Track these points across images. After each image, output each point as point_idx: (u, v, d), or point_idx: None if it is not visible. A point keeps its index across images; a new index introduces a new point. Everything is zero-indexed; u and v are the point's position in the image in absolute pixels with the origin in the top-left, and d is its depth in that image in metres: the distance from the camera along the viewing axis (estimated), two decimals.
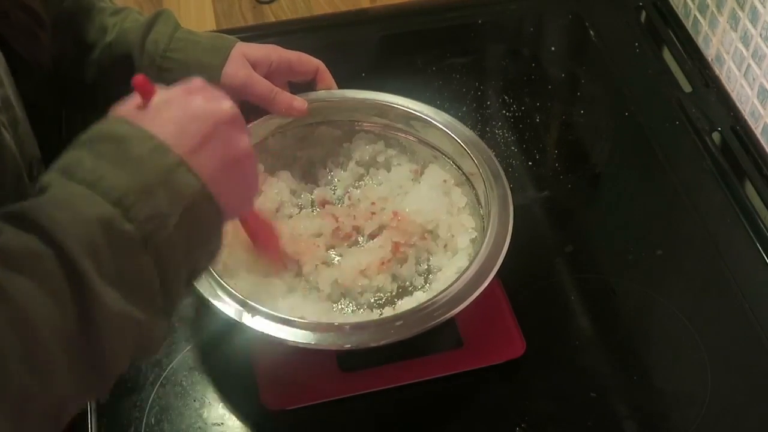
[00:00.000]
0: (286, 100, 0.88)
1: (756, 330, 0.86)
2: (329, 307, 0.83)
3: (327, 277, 0.84)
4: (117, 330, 0.54)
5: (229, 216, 0.63)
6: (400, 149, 0.94)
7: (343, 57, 1.11)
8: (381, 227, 0.89)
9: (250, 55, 0.87)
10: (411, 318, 0.75)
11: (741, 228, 0.95)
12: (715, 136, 1.04)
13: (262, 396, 0.80)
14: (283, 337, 0.74)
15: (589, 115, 1.08)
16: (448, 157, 0.91)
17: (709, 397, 0.81)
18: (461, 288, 0.77)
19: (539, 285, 0.91)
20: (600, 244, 0.96)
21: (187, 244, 0.58)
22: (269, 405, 0.80)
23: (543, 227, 0.97)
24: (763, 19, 0.97)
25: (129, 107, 0.61)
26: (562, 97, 1.12)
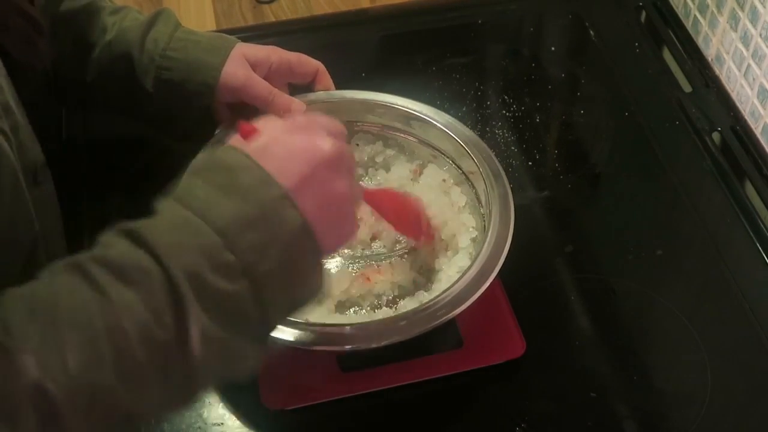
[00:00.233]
0: (285, 102, 0.88)
1: (756, 330, 0.86)
2: (330, 308, 0.83)
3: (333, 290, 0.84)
4: (208, 353, 0.55)
5: (326, 253, 0.63)
6: (398, 149, 0.94)
7: (343, 57, 1.11)
8: (380, 230, 0.89)
9: (250, 55, 0.87)
10: (412, 318, 0.75)
11: (741, 228, 0.95)
12: (715, 136, 1.04)
13: (262, 396, 0.80)
14: (285, 339, 0.74)
15: (589, 115, 1.08)
16: (447, 156, 0.91)
17: (709, 397, 0.81)
18: (463, 288, 0.77)
19: (539, 285, 0.91)
20: (600, 244, 0.96)
21: (286, 278, 0.59)
22: (269, 405, 0.80)
23: (543, 227, 0.97)
24: (763, 19, 0.97)
25: (237, 140, 0.63)
26: (562, 97, 1.12)
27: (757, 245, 0.93)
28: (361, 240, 0.88)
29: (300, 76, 0.91)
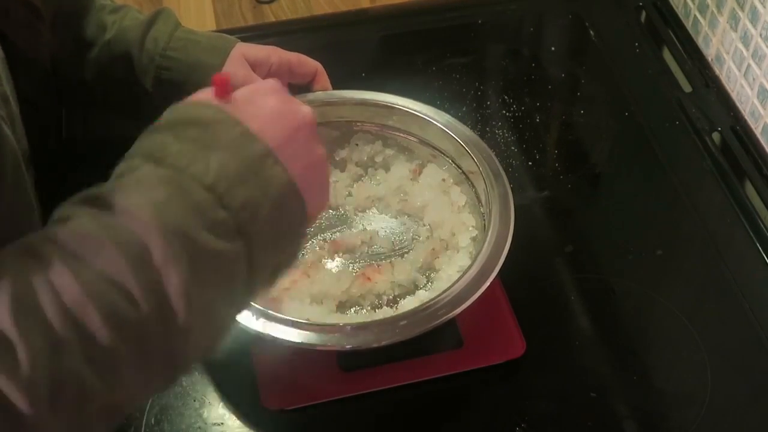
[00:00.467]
0: None
1: (756, 330, 0.86)
2: (331, 308, 0.83)
3: (332, 291, 0.84)
4: (193, 321, 0.51)
5: (309, 217, 0.60)
6: (398, 149, 0.94)
7: (343, 57, 1.11)
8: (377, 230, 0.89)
9: (250, 55, 0.87)
10: (413, 318, 0.75)
11: (741, 228, 0.95)
12: (715, 136, 1.04)
13: (262, 396, 0.80)
14: (285, 338, 0.74)
15: (589, 115, 1.08)
16: (447, 156, 0.91)
17: (709, 397, 0.81)
18: (463, 288, 0.76)
19: (539, 285, 0.90)
20: (600, 244, 0.96)
21: (274, 239, 0.56)
22: (269, 405, 0.80)
23: (543, 227, 0.97)
24: (763, 19, 0.97)
25: (209, 96, 0.58)
26: (562, 97, 1.12)
27: (757, 245, 0.93)
28: (362, 241, 0.88)
29: (300, 76, 0.91)
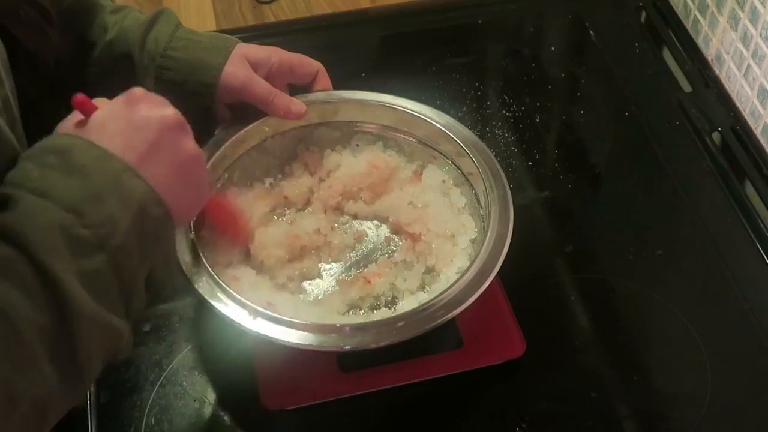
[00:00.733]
0: (285, 104, 0.88)
1: (756, 330, 0.86)
2: (330, 310, 0.83)
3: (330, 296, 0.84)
4: (88, 327, 0.56)
5: (182, 219, 0.65)
6: (398, 150, 0.94)
7: (343, 57, 1.11)
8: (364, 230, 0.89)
9: (251, 56, 0.87)
10: (412, 319, 0.75)
11: (741, 228, 0.95)
12: (715, 136, 1.04)
13: (262, 396, 0.80)
14: (284, 339, 0.74)
15: (589, 115, 1.08)
16: (447, 157, 0.91)
17: (709, 397, 0.81)
18: (462, 289, 0.76)
19: (539, 285, 0.91)
20: (600, 244, 0.96)
21: (140, 248, 0.60)
22: (269, 405, 0.80)
23: (543, 227, 0.97)
24: (763, 19, 0.97)
25: (70, 124, 0.63)
26: (562, 97, 1.12)
27: (757, 245, 0.93)
28: (346, 244, 0.88)
29: (301, 77, 0.91)
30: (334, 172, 0.91)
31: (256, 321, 0.75)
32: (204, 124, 0.89)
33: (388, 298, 0.84)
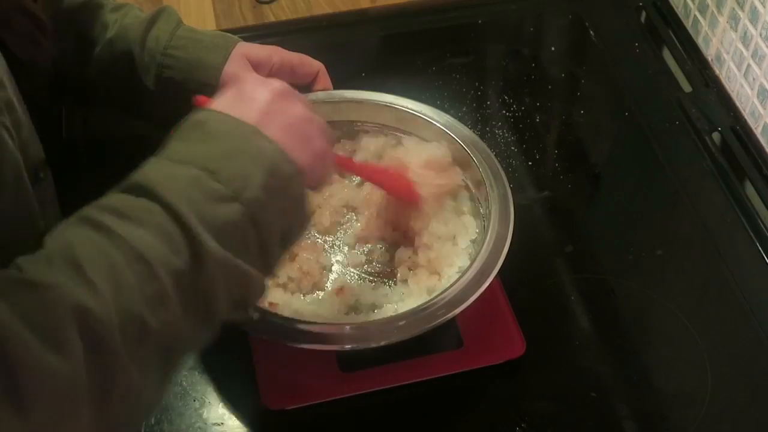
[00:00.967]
0: None
1: (756, 330, 0.86)
2: (332, 305, 0.83)
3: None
4: (221, 274, 0.58)
5: (311, 179, 0.67)
6: None
7: (343, 57, 1.11)
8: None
9: (251, 55, 0.87)
10: (412, 319, 0.75)
11: (741, 228, 0.95)
12: (715, 136, 1.04)
13: (262, 396, 0.80)
14: (285, 339, 0.74)
15: (589, 115, 1.08)
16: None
17: (709, 397, 0.81)
18: (462, 288, 0.76)
19: (539, 285, 0.91)
20: (600, 244, 0.96)
21: (274, 205, 0.62)
22: (269, 405, 0.80)
23: (543, 227, 0.97)
24: (763, 19, 0.97)
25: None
26: (562, 97, 1.12)
27: (757, 245, 0.93)
28: (347, 243, 0.88)
29: (301, 76, 0.91)
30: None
31: (256, 320, 0.75)
32: None
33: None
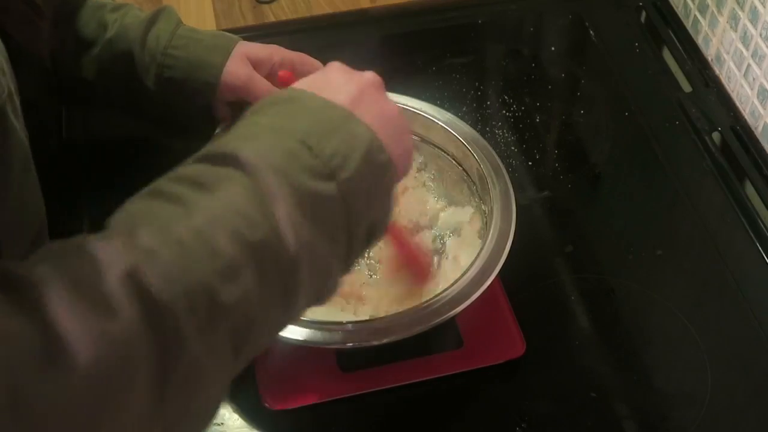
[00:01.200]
0: None
1: (756, 330, 0.86)
2: (332, 303, 0.83)
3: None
4: (305, 256, 0.53)
5: (398, 171, 0.62)
6: None
7: (343, 57, 1.10)
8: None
9: (252, 54, 0.87)
10: (413, 317, 0.75)
11: (741, 228, 0.95)
12: (715, 136, 1.04)
13: (262, 396, 0.80)
14: (285, 337, 0.74)
15: (589, 115, 1.08)
16: (448, 155, 0.91)
17: (709, 397, 0.81)
18: (463, 287, 0.76)
19: (539, 285, 0.90)
20: (600, 244, 0.96)
21: (367, 192, 0.58)
22: (269, 405, 0.80)
23: (543, 227, 0.97)
24: (763, 19, 0.97)
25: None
26: (562, 97, 1.12)
27: (757, 245, 0.93)
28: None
29: (302, 76, 0.90)
30: None
31: None
32: (205, 123, 0.89)
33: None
